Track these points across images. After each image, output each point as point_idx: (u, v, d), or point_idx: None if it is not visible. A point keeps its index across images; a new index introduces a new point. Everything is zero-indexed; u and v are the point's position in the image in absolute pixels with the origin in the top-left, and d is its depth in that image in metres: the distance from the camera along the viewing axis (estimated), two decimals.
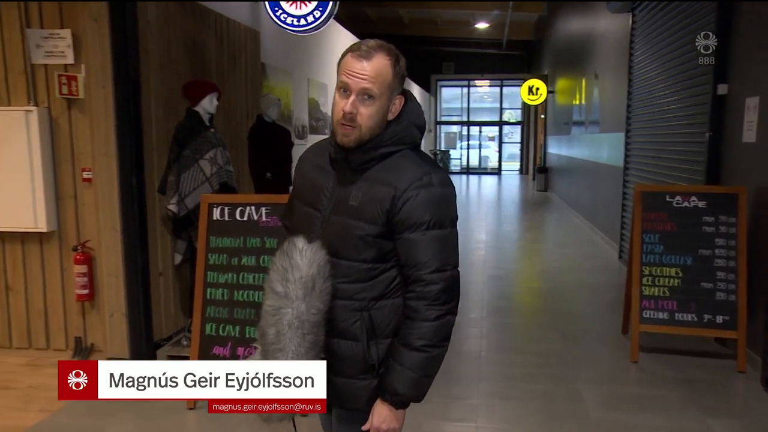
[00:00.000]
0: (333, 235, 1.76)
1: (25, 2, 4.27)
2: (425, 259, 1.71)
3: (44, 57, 4.28)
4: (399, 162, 1.75)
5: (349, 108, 1.68)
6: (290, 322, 1.66)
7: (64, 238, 4.51)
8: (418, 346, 1.72)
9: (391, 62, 1.71)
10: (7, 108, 4.37)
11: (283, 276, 1.68)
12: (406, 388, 1.74)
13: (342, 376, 1.80)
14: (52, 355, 4.61)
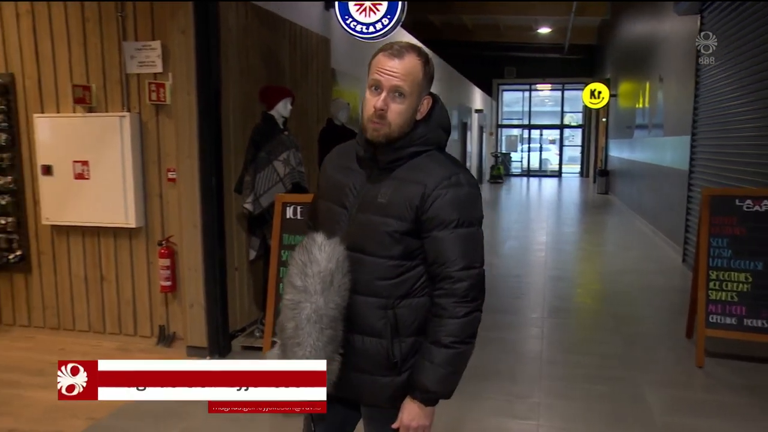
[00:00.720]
0: (360, 232, 1.74)
1: (123, 17, 4.48)
2: (454, 257, 1.70)
3: (137, 67, 4.47)
4: (426, 162, 1.74)
5: (381, 104, 1.68)
6: (309, 316, 1.64)
7: (150, 233, 4.70)
8: (447, 343, 1.70)
9: (422, 62, 1.71)
10: (105, 114, 4.59)
11: (302, 270, 1.66)
12: (436, 385, 1.72)
13: (365, 372, 1.77)
14: (139, 341, 4.82)
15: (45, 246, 4.95)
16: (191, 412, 3.68)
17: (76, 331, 4.98)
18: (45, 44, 4.70)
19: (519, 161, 27.77)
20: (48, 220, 4.82)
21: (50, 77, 4.72)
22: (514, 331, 5.38)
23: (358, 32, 6.24)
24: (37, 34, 4.70)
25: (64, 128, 4.66)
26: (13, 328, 5.13)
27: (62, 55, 4.67)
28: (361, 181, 1.78)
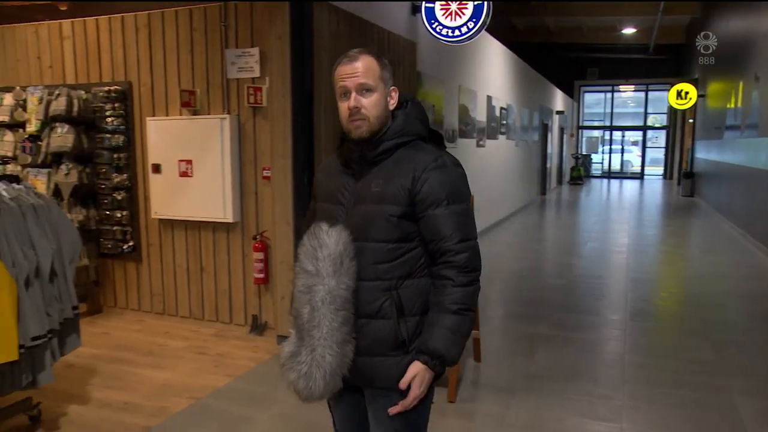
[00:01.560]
0: (358, 222, 1.79)
1: (225, 26, 4.67)
2: (450, 231, 1.75)
3: (237, 72, 4.65)
4: (411, 151, 1.82)
5: (353, 103, 1.77)
6: (323, 298, 1.67)
7: (246, 228, 4.88)
8: (454, 309, 1.74)
9: (375, 59, 1.80)
10: (207, 116, 4.81)
11: (313, 255, 1.71)
12: (448, 349, 1.75)
13: (373, 355, 1.79)
14: (234, 329, 5.01)
15: (153, 238, 5.24)
16: (281, 398, 3.79)
17: (178, 316, 5.25)
18: (158, 54, 4.98)
19: (599, 163, 26.82)
20: (156, 215, 5.10)
21: (161, 83, 4.99)
22: (594, 331, 5.21)
23: (444, 36, 6.24)
24: (152, 45, 4.99)
25: (171, 130, 4.92)
26: (125, 312, 5.47)
27: (172, 63, 4.93)
28: (353, 180, 1.86)
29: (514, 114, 12.75)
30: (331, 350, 1.68)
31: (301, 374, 1.69)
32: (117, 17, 5.11)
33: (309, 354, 1.68)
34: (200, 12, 4.79)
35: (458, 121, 8.78)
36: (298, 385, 1.71)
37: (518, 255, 8.83)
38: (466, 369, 4.20)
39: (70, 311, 3.36)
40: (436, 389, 1.69)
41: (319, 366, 1.67)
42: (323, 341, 1.67)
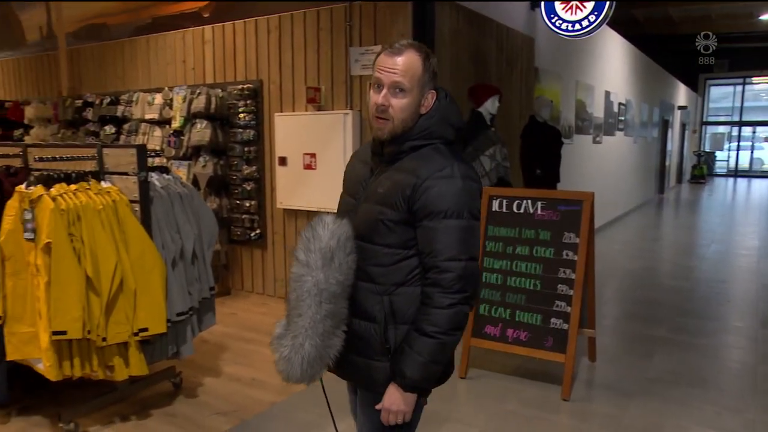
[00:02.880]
0: (361, 220, 1.73)
1: (350, 26, 4.81)
2: (441, 247, 1.63)
3: (360, 69, 4.78)
4: (427, 154, 1.69)
5: (381, 100, 1.66)
6: (309, 290, 1.64)
7: None
8: (429, 332, 1.64)
9: (421, 58, 1.67)
10: (331, 112, 4.98)
11: (306, 246, 1.67)
12: (413, 372, 1.66)
13: (361, 355, 1.76)
14: None
15: (278, 226, 5.51)
16: None
17: None
18: (287, 54, 5.21)
19: (725, 161, 24.84)
20: (281, 204, 5.36)
21: (289, 81, 5.23)
22: (719, 338, 4.86)
23: (564, 30, 6.05)
24: (281, 46, 5.24)
25: (297, 125, 5.14)
26: (251, 295, 5.80)
27: (299, 62, 5.15)
28: (370, 174, 1.80)
29: (633, 109, 12.12)
30: (312, 340, 1.66)
31: (282, 356, 1.71)
32: (251, 21, 5.40)
33: (291, 339, 1.68)
34: (326, 13, 4.96)
35: (575, 117, 8.49)
36: (279, 366, 1.72)
37: (634, 254, 8.40)
38: (580, 367, 4.08)
39: (207, 291, 3.62)
40: (551, 386, 1.67)
41: (297, 352, 1.67)
42: (305, 330, 1.66)
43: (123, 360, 3.10)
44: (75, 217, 2.86)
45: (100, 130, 6.65)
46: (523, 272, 3.87)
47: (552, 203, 3.84)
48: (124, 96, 6.45)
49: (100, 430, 3.21)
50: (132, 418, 3.35)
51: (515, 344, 3.83)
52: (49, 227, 2.80)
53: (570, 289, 3.71)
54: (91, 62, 7.04)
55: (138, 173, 3.17)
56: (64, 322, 2.83)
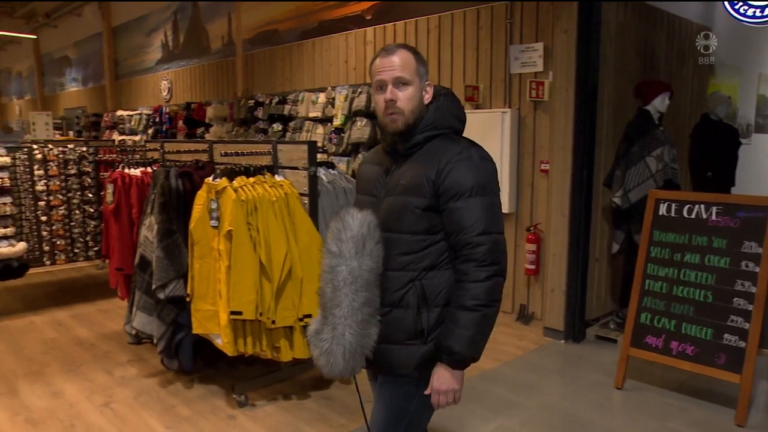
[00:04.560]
0: (386, 213, 1.78)
1: (511, 23, 4.75)
2: (470, 223, 1.69)
3: (520, 67, 4.70)
4: (441, 143, 1.78)
5: (389, 95, 1.75)
6: (345, 278, 1.68)
7: (520, 219, 4.91)
8: (470, 306, 1.67)
9: (413, 53, 1.78)
10: (489, 110, 4.95)
11: (337, 236, 1.71)
12: (461, 347, 1.69)
13: (393, 342, 1.78)
14: (501, 315, 4.97)
15: None
16: (547, 389, 3.77)
17: None
18: (445, 53, 5.26)
19: None
20: None
21: (447, 80, 5.27)
22: None
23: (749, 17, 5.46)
24: (440, 45, 5.30)
25: None
26: None
27: (458, 61, 5.17)
28: (387, 172, 1.86)
29: None
30: (351, 329, 1.69)
31: (323, 351, 1.73)
32: (411, 21, 5.52)
33: (330, 332, 1.71)
34: (487, 11, 4.93)
35: (755, 114, 7.65)
36: (320, 361, 1.75)
37: None
38: (757, 390, 3.69)
39: None
40: (721, 408, 1.51)
41: (338, 343, 1.70)
42: (343, 320, 1.69)
43: (288, 342, 3.32)
44: (253, 208, 3.12)
45: (268, 128, 7.19)
46: (691, 282, 3.58)
47: (730, 209, 3.50)
48: (291, 96, 6.91)
49: (265, 405, 3.48)
50: (293, 397, 3.59)
51: (680, 358, 3.55)
52: (231, 216, 3.09)
53: (749, 303, 3.36)
54: (262, 65, 7.62)
55: (308, 168, 3.38)
56: (241, 304, 3.10)
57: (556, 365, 4.17)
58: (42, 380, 3.88)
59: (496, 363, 4.14)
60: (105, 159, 5.49)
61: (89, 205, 5.47)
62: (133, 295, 3.76)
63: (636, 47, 4.97)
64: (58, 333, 4.80)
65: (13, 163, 5.01)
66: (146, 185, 3.98)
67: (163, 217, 3.44)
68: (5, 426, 3.30)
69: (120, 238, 4.09)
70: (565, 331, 4.53)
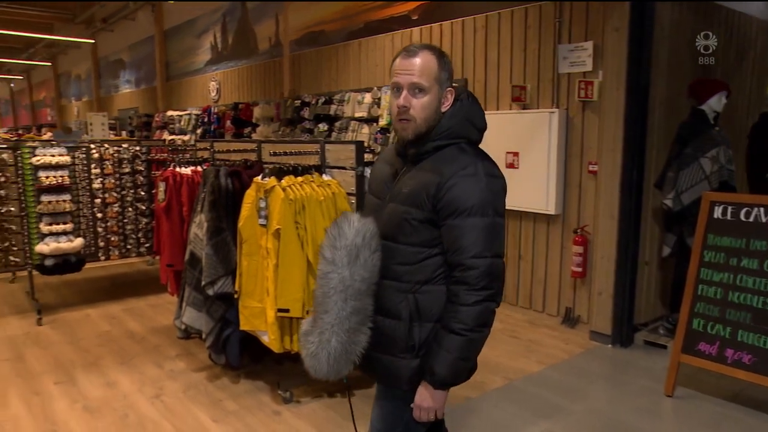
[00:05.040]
0: (386, 220, 1.74)
1: (559, 22, 4.67)
2: (466, 244, 1.62)
3: (569, 67, 4.62)
4: (451, 153, 1.69)
5: (402, 101, 1.67)
6: (335, 287, 1.67)
7: (566, 220, 4.83)
8: (456, 330, 1.64)
9: (436, 57, 1.68)
10: (536, 110, 4.88)
11: (332, 243, 1.69)
12: (441, 369, 1.67)
13: (385, 353, 1.77)
14: (546, 318, 5.03)
15: None
16: (594, 393, 3.69)
17: None
18: (492, 52, 5.22)
19: None
20: None
21: (494, 80, 5.23)
22: None
23: None
24: (487, 44, 5.27)
25: (501, 123, 5.12)
26: None
27: (505, 61, 5.12)
28: (395, 175, 1.80)
29: None
30: (338, 336, 1.69)
31: (309, 353, 1.74)
32: (458, 21, 5.50)
33: (318, 336, 1.72)
34: (535, 10, 4.86)
35: None
36: (306, 362, 1.76)
37: None
38: None
39: None
40: None
41: (324, 348, 1.71)
42: (331, 326, 1.69)
43: None
44: (300, 207, 3.16)
45: (314, 128, 7.27)
46: (749, 288, 3.45)
47: None
48: (337, 96, 6.97)
49: (309, 402, 3.52)
50: (337, 395, 3.63)
51: (735, 367, 3.43)
52: (279, 215, 3.13)
53: None
54: (309, 66, 7.71)
55: (356, 168, 3.41)
56: (288, 302, 3.14)
57: (603, 370, 4.09)
58: (97, 371, 4.02)
59: (541, 366, 4.09)
60: (157, 158, 5.65)
61: (141, 203, 5.63)
62: (183, 291, 3.86)
63: (691, 46, 4.81)
64: (111, 326, 4.97)
65: (73, 162, 5.21)
66: (196, 184, 4.07)
67: (213, 215, 3.52)
68: (65, 413, 3.44)
69: (171, 235, 4.20)
70: (612, 336, 4.43)
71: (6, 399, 3.63)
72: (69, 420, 3.35)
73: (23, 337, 4.71)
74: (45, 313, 5.18)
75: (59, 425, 3.30)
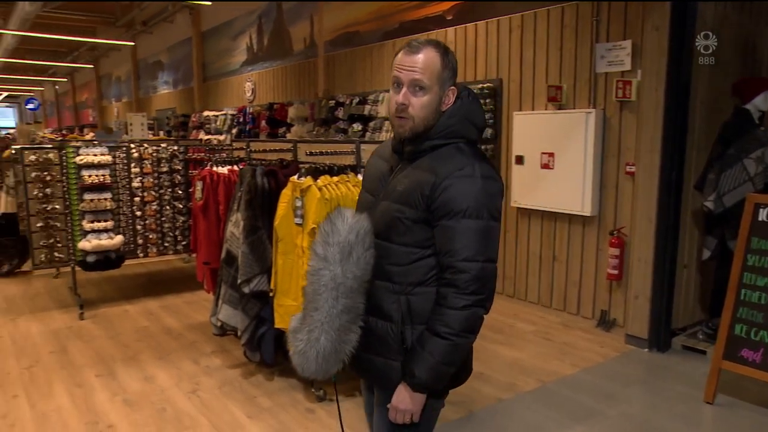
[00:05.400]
0: (379, 218, 1.70)
1: (597, 21, 4.60)
2: (458, 247, 1.58)
3: (606, 66, 4.54)
4: (448, 153, 1.65)
5: (401, 99, 1.63)
6: (326, 284, 1.62)
7: (602, 222, 4.75)
8: (441, 333, 1.59)
9: (440, 55, 1.63)
10: (572, 110, 4.81)
11: (325, 239, 1.65)
12: (422, 372, 1.62)
13: (377, 355, 1.73)
14: (580, 320, 4.95)
15: (511, 225, 5.50)
16: (629, 398, 3.63)
17: (526, 300, 5.42)
18: (528, 52, 5.17)
19: None
20: (516, 203, 5.33)
21: (529, 80, 5.18)
22: None
23: None
24: (523, 44, 5.21)
25: (535, 123, 5.06)
26: None
27: (541, 60, 5.06)
28: (390, 172, 1.76)
29: None
30: (328, 335, 1.64)
31: (297, 350, 1.69)
32: (493, 21, 5.45)
33: (306, 333, 1.66)
34: (572, 9, 4.79)
35: None
36: (294, 359, 1.71)
37: None
38: None
39: None
40: None
41: (312, 347, 1.65)
42: (320, 324, 1.64)
43: None
44: (336, 206, 3.17)
45: (348, 128, 7.30)
46: None
47: None
48: (371, 96, 6.99)
49: (343, 400, 3.54)
50: None
51: None
52: (315, 214, 3.16)
53: None
54: (343, 66, 7.75)
55: None
56: None
57: (639, 374, 4.01)
58: (136, 365, 4.11)
59: (574, 369, 4.03)
60: (194, 157, 5.75)
61: (179, 201, 5.74)
62: (220, 288, 3.91)
63: (736, 45, 4.68)
64: (149, 321, 5.07)
65: (114, 161, 5.33)
66: (233, 183, 4.13)
67: (249, 214, 3.57)
68: (106, 405, 3.53)
69: (207, 233, 4.28)
70: (649, 340, 4.35)
71: (52, 390, 3.75)
72: (109, 412, 3.43)
73: (66, 330, 4.85)
74: (86, 308, 5.32)
75: (100, 416, 3.38)
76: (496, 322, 4.96)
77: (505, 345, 4.49)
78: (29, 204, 5.05)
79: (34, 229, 5.08)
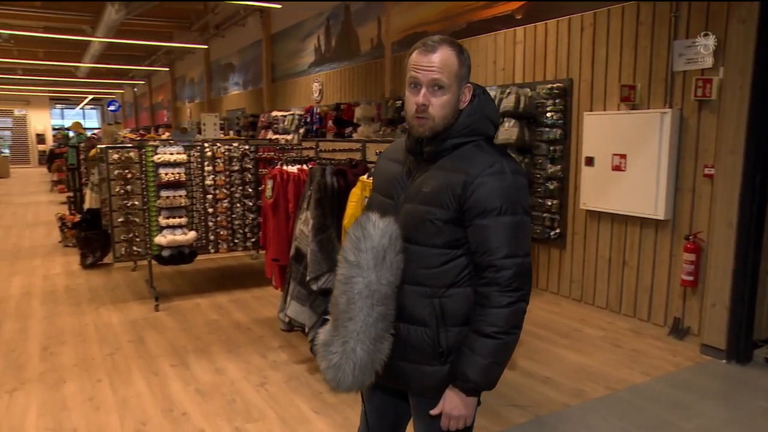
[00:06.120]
0: (405, 221, 1.65)
1: (676, 17, 4.41)
2: (497, 245, 1.57)
3: (684, 64, 4.35)
4: (471, 151, 1.64)
5: (422, 99, 1.61)
6: (360, 291, 1.57)
7: (677, 226, 4.56)
8: (489, 333, 1.57)
9: (456, 53, 1.61)
10: (646, 110, 4.64)
11: (356, 245, 1.59)
12: (476, 375, 1.59)
13: (411, 362, 1.68)
14: (651, 327, 4.77)
15: (579, 227, 5.36)
16: (705, 411, 3.46)
17: (594, 305, 5.27)
18: (600, 51, 5.02)
19: None
20: (585, 206, 5.19)
21: (601, 79, 5.02)
22: None
23: None
24: (595, 42, 5.06)
25: (607, 124, 4.91)
26: (544, 293, 5.77)
27: (614, 59, 4.90)
28: (407, 173, 1.73)
29: None
30: (364, 345, 1.58)
31: (331, 364, 1.61)
32: (564, 20, 5.32)
33: (341, 345, 1.60)
34: (648, 5, 4.62)
35: None
36: (328, 374, 1.63)
37: None
38: None
39: None
40: None
41: (348, 359, 1.59)
42: (356, 335, 1.58)
43: None
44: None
45: None
46: None
47: None
48: None
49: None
50: None
51: None
52: None
53: None
54: None
55: None
56: None
57: (716, 387, 3.82)
58: (207, 357, 4.26)
59: (645, 377, 3.89)
60: (264, 157, 5.89)
61: (249, 199, 5.90)
62: (288, 285, 3.99)
63: None
64: (219, 315, 5.24)
65: (188, 159, 5.54)
66: (302, 182, 4.21)
67: (318, 213, 3.62)
68: (180, 394, 3.67)
69: (277, 230, 4.37)
70: (727, 351, 4.13)
71: (131, 376, 3.93)
72: (183, 400, 3.57)
73: (143, 321, 5.07)
74: (161, 300, 5.55)
75: (175, 404, 3.52)
76: (561, 326, 4.85)
77: (572, 350, 4.38)
78: (112, 200, 5.32)
79: (116, 224, 5.34)
